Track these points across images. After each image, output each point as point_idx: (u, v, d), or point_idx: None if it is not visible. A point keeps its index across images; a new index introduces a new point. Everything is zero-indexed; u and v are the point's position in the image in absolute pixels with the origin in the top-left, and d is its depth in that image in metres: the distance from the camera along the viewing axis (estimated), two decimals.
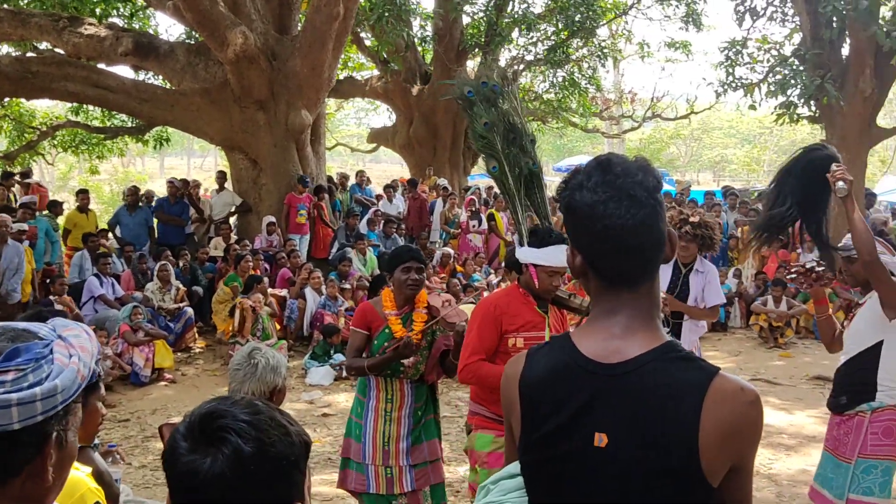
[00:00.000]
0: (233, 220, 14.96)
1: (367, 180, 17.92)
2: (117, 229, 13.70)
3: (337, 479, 4.92)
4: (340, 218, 15.26)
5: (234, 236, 14.12)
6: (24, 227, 10.96)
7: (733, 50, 14.89)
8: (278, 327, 11.55)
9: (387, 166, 50.82)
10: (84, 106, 18.25)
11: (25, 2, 16.49)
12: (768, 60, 14.71)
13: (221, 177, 15.36)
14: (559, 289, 4.29)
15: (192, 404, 1.53)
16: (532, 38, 21.26)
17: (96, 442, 4.19)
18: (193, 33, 16.02)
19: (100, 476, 3.01)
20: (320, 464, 7.24)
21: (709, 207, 16.00)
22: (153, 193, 15.22)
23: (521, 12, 19.68)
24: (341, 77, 20.96)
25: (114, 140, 19.75)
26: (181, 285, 11.86)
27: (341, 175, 17.48)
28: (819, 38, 13.35)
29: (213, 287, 12.31)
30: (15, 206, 12.22)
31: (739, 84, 14.83)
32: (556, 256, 4.14)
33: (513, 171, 4.21)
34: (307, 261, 13.46)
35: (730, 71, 14.91)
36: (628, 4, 22.55)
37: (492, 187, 19.19)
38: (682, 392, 1.65)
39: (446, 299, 4.82)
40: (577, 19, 19.25)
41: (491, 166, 4.32)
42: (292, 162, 14.39)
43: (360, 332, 4.71)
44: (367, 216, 15.32)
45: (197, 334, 11.79)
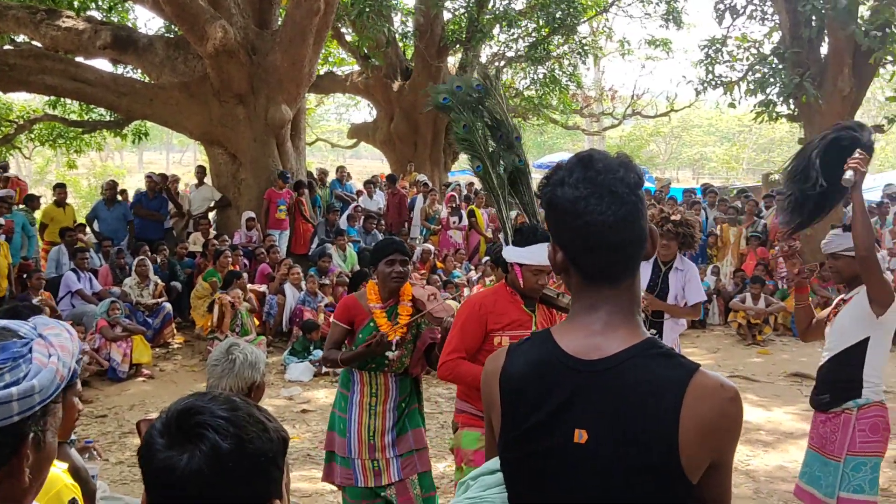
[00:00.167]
0: (212, 215, 14.88)
1: (348, 176, 17.88)
2: (95, 224, 13.61)
3: (322, 472, 4.90)
4: (320, 214, 15.21)
5: (213, 231, 14.04)
6: (1, 221, 10.87)
7: (713, 48, 14.95)
8: (257, 323, 11.50)
9: (367, 162, 50.77)
10: (62, 99, 18.11)
11: None
12: (748, 59, 14.78)
13: (200, 171, 15.28)
14: (546, 287, 4.25)
15: (171, 400, 1.51)
16: (513, 34, 21.28)
17: (73, 438, 4.16)
18: (173, 27, 15.93)
19: (76, 472, 2.98)
20: (299, 460, 7.22)
21: (689, 205, 16.08)
22: (126, 192, 15.12)
23: (502, 8, 19.72)
24: (322, 72, 20.88)
25: (92, 134, 19.60)
26: (159, 280, 11.79)
27: (320, 171, 17.43)
28: (798, 37, 13.42)
29: (191, 282, 12.25)
30: None
31: (719, 82, 14.90)
32: (540, 255, 4.08)
33: (496, 170, 4.19)
34: (287, 256, 13.41)
35: (709, 69, 14.97)
36: (609, 2, 22.61)
37: (472, 183, 19.18)
38: (662, 389, 1.65)
39: (431, 292, 4.78)
40: (557, 16, 19.28)
41: (475, 166, 4.30)
42: (272, 157, 14.33)
43: (341, 325, 4.69)
44: (347, 212, 15.27)
45: (175, 330, 11.72)
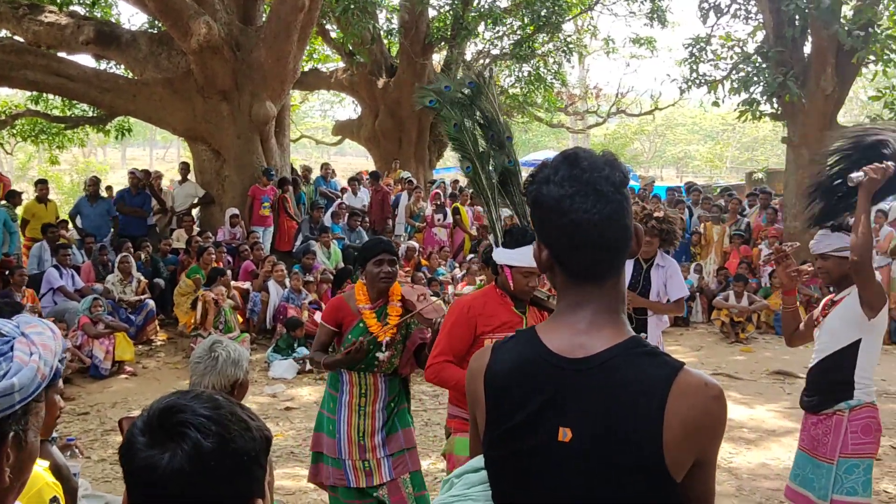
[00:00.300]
0: (195, 211, 14.84)
1: (332, 173, 17.83)
2: (78, 220, 13.53)
3: (308, 473, 4.86)
4: (304, 211, 15.17)
5: (196, 228, 13.99)
6: None
7: (697, 47, 14.99)
8: (241, 320, 11.47)
9: (352, 159, 50.67)
10: (44, 95, 17.97)
11: None
12: (732, 58, 14.82)
13: (184, 168, 15.21)
14: (536, 289, 4.22)
15: (153, 397, 1.50)
16: (498, 32, 21.28)
17: (55, 435, 4.14)
18: (156, 22, 15.83)
19: (58, 470, 2.96)
20: (283, 457, 7.20)
21: (673, 204, 16.13)
22: (112, 188, 15.04)
23: (487, 6, 19.70)
24: (306, 69, 20.85)
25: (74, 130, 19.47)
26: (142, 277, 11.74)
27: (304, 168, 17.37)
28: (782, 36, 13.47)
29: (174, 279, 12.20)
30: None
31: (703, 81, 14.93)
32: (531, 257, 4.02)
33: (487, 171, 4.14)
34: (271, 253, 13.37)
35: (694, 68, 15.01)
36: (594, 0, 22.61)
37: (457, 181, 19.19)
38: (646, 387, 1.65)
39: (421, 293, 4.75)
40: (542, 14, 19.26)
41: (465, 167, 4.25)
42: (256, 153, 14.28)
43: (328, 327, 4.67)
44: (332, 209, 15.24)
45: (158, 327, 11.67)
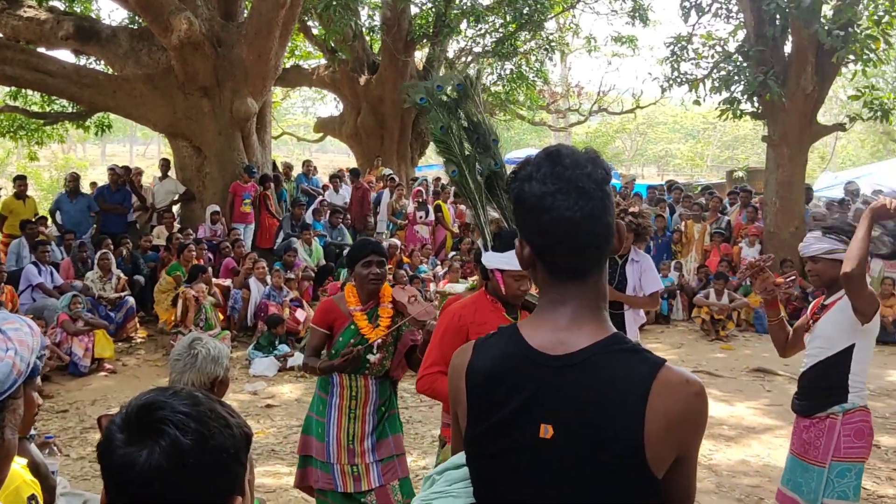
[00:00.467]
0: (176, 208, 14.77)
1: (314, 170, 17.80)
2: (57, 216, 13.44)
3: (294, 477, 4.80)
4: (286, 208, 15.13)
5: (177, 225, 13.94)
6: None
7: (678, 45, 15.01)
8: (222, 317, 11.43)
9: (334, 156, 50.56)
10: (23, 90, 17.83)
11: None
12: (713, 56, 14.85)
13: (164, 164, 15.15)
14: (528, 293, 4.12)
15: (133, 395, 1.48)
16: (480, 29, 21.27)
17: (32, 433, 4.10)
18: (137, 18, 15.74)
19: (35, 468, 2.94)
20: (264, 455, 7.18)
21: (655, 203, 16.19)
22: (96, 184, 14.95)
23: (469, 4, 19.68)
24: (288, 65, 20.76)
25: (54, 126, 19.30)
26: (122, 274, 11.67)
27: (286, 165, 17.32)
28: (762, 36, 13.52)
29: (155, 276, 12.14)
30: None
31: (684, 79, 14.95)
32: None
33: (473, 175, 4.03)
34: (252, 250, 13.34)
35: (675, 66, 15.03)
36: None
37: (439, 178, 19.16)
38: (628, 383, 1.66)
39: (412, 294, 4.69)
40: (525, 12, 19.29)
41: (451, 170, 4.12)
42: (237, 150, 14.23)
43: (319, 330, 4.61)
44: (313, 206, 15.21)
45: (138, 324, 11.62)
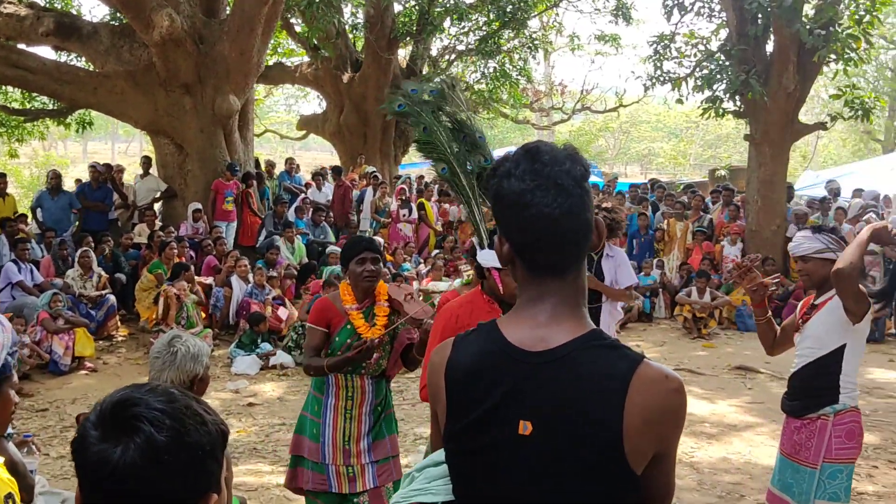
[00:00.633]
0: (158, 206, 14.70)
1: (297, 168, 17.76)
2: (38, 213, 13.35)
3: (285, 477, 4.73)
4: (268, 206, 15.09)
5: (158, 223, 13.87)
6: None
7: (661, 44, 15.05)
8: (204, 316, 11.39)
9: (317, 154, 50.43)
10: (3, 87, 17.70)
11: None
12: (695, 55, 14.90)
13: (146, 162, 15.09)
14: None
15: None
16: (463, 27, 21.27)
17: (11, 431, 4.07)
18: (118, 14, 15.66)
19: (13, 467, 2.92)
20: (245, 453, 7.16)
21: (637, 201, 16.23)
22: (81, 180, 14.86)
23: (452, 2, 19.63)
24: (271, 63, 20.71)
25: (34, 123, 19.19)
26: (103, 272, 11.60)
27: (268, 163, 17.27)
28: (744, 35, 13.57)
29: (136, 274, 12.09)
30: None
31: (667, 78, 15.00)
32: None
33: (465, 171, 4.00)
34: (234, 248, 13.29)
35: (658, 65, 15.07)
36: None
37: (422, 176, 19.16)
38: (607, 379, 1.66)
39: (408, 292, 4.64)
40: (508, 10, 19.29)
41: (440, 168, 4.11)
42: (219, 148, 14.18)
43: (319, 329, 4.51)
44: (296, 204, 15.18)
45: (119, 322, 11.57)
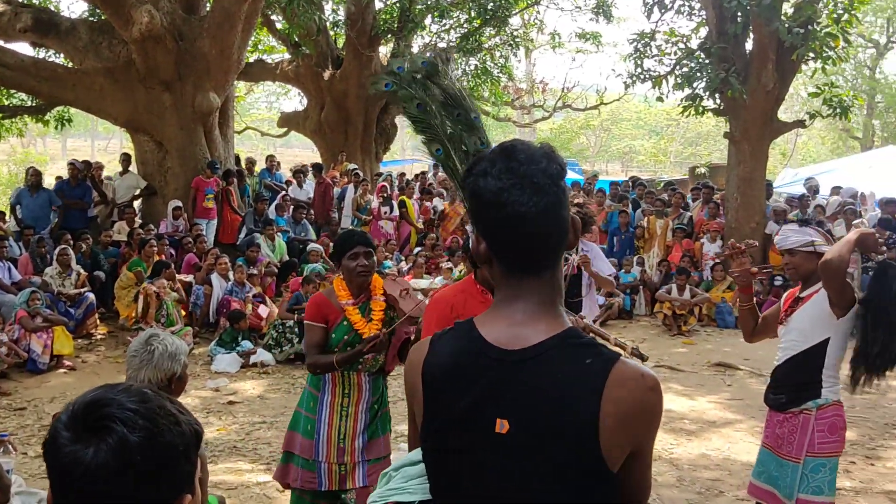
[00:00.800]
0: (137, 203, 14.62)
1: (277, 165, 17.70)
2: (17, 210, 13.25)
3: (276, 470, 4.70)
4: (248, 203, 15.04)
5: (138, 220, 13.79)
6: None
7: (642, 42, 15.10)
8: (184, 314, 11.34)
9: (298, 151, 50.34)
10: None
11: None
12: (675, 53, 14.95)
13: (125, 159, 15.00)
14: None
15: None
16: (445, 25, 21.27)
17: None
18: (97, 10, 15.55)
19: None
20: (225, 452, 7.14)
21: (618, 199, 16.28)
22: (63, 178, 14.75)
23: None
24: (251, 59, 20.63)
25: (12, 119, 19.03)
26: (82, 270, 11.53)
27: (248, 160, 17.21)
28: (724, 33, 13.63)
29: (115, 272, 12.02)
30: None
31: (647, 76, 15.05)
32: None
33: (460, 154, 3.85)
34: (214, 246, 13.24)
35: (638, 63, 15.12)
36: None
37: (403, 174, 19.16)
38: (582, 378, 1.66)
39: (404, 288, 4.60)
40: (489, 8, 19.32)
41: (434, 149, 3.94)
42: (199, 145, 14.12)
43: (318, 325, 4.43)
44: (276, 201, 15.13)
45: (98, 320, 11.49)
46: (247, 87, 30.43)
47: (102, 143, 59.26)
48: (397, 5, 19.76)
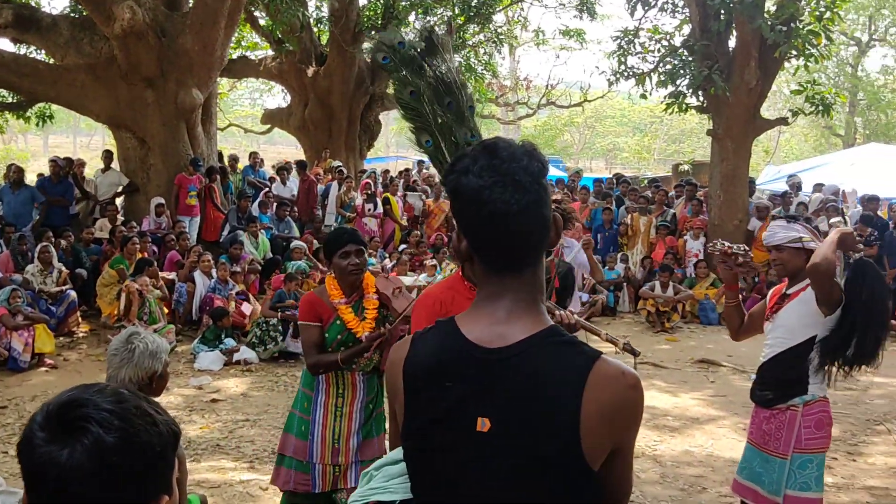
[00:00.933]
0: (119, 200, 14.55)
1: (261, 162, 17.65)
2: None
3: (272, 473, 4.63)
4: (231, 200, 14.98)
5: (120, 217, 13.73)
6: None
7: (625, 39, 15.11)
8: (166, 311, 11.29)
9: (282, 148, 50.19)
10: None
11: None
12: (659, 51, 14.97)
13: (108, 156, 14.91)
14: None
15: None
16: (429, 21, 21.21)
17: None
18: (78, 6, 15.45)
19: None
20: (208, 450, 7.10)
21: (602, 196, 16.31)
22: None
23: None
24: (234, 56, 20.55)
25: None
26: (64, 267, 11.46)
27: (231, 157, 17.15)
28: (707, 30, 13.66)
29: (97, 270, 11.95)
30: None
31: (631, 73, 15.07)
32: None
33: (450, 146, 3.78)
34: (197, 243, 13.19)
35: (622, 60, 15.13)
36: None
37: (387, 171, 19.13)
38: (564, 376, 1.66)
39: (397, 286, 4.56)
40: (473, 4, 19.30)
41: (424, 140, 3.90)
42: (182, 142, 14.05)
43: (313, 325, 4.37)
44: (259, 199, 15.08)
45: (80, 318, 11.42)
46: (230, 84, 30.34)
47: (85, 140, 58.93)
48: (381, 2, 19.71)
